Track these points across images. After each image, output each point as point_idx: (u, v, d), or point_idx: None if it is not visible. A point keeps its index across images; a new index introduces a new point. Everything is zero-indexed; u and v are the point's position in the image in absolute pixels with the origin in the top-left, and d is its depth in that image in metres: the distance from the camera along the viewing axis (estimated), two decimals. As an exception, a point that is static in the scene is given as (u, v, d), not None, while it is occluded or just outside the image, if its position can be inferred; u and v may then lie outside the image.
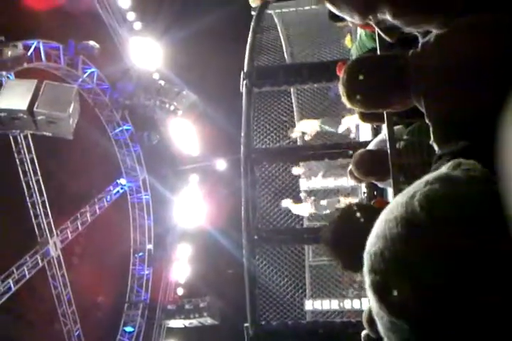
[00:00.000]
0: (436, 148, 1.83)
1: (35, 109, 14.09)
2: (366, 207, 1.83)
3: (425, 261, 0.67)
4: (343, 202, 9.87)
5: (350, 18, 1.68)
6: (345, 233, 1.61)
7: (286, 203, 9.76)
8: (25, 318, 16.64)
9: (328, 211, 10.08)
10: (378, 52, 3.14)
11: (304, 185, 11.19)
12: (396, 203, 0.76)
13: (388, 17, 1.54)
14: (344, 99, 1.96)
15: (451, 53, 1.74)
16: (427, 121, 1.88)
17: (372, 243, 0.74)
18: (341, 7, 1.44)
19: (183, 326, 19.29)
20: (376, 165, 3.25)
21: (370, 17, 1.48)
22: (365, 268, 0.74)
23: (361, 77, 1.92)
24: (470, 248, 0.66)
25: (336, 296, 9.64)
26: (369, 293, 0.75)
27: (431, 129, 1.86)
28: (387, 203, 1.99)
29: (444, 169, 0.85)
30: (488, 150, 1.58)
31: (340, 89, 1.96)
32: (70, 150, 17.76)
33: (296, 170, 10.03)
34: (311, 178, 10.19)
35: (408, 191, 0.77)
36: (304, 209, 10.01)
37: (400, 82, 1.91)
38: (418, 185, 0.78)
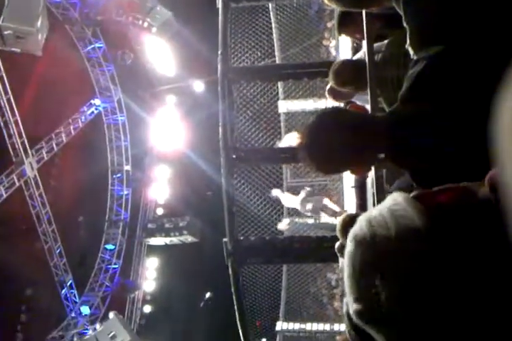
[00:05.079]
0: (411, 52, 1.80)
1: (1, 22, 13.34)
2: (341, 110, 1.84)
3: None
4: None
5: None
6: (320, 135, 1.62)
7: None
8: (3, 236, 16.88)
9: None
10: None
11: (283, 106, 11.12)
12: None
13: None
14: None
15: None
16: (404, 24, 1.83)
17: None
18: None
19: (163, 244, 19.89)
20: (355, 73, 3.26)
21: None
22: None
23: None
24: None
25: (314, 217, 9.97)
26: None
27: (408, 33, 1.81)
28: (361, 107, 1.98)
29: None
30: (464, 55, 1.56)
31: None
32: (40, 68, 17.09)
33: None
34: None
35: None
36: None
37: None
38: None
